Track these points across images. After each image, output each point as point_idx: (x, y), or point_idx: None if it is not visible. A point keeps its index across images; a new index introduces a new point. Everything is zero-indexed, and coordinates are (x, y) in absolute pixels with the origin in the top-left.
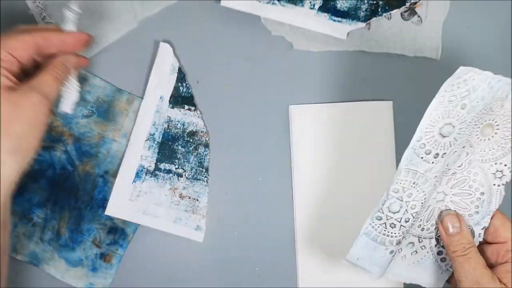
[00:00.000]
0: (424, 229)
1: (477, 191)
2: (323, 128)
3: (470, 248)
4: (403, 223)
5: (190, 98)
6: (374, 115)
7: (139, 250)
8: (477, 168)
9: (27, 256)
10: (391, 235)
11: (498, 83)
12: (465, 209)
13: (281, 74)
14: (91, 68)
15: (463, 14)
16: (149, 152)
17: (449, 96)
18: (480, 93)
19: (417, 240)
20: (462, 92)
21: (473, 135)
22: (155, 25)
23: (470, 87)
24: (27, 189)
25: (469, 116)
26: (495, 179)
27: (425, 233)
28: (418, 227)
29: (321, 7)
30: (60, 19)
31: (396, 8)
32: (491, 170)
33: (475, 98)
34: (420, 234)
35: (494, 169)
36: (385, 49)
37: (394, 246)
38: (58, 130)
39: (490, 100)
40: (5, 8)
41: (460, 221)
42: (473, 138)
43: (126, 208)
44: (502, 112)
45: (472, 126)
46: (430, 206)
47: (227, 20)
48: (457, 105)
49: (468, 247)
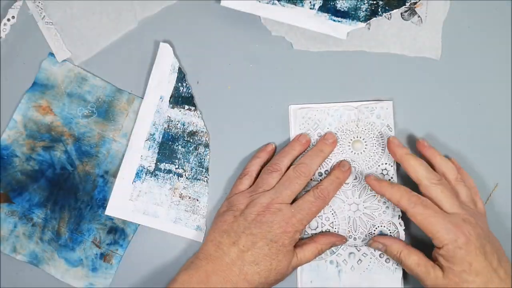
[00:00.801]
0: (356, 239)
1: None
2: (323, 128)
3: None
4: None
5: (190, 98)
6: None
7: (139, 250)
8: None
9: (27, 256)
10: None
11: (336, 111)
12: (377, 209)
13: (281, 74)
14: (91, 68)
15: (463, 14)
16: (149, 152)
17: (306, 130)
18: (326, 122)
19: (355, 250)
20: (312, 126)
21: (348, 152)
22: (155, 25)
23: (316, 120)
24: (27, 189)
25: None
26: (384, 176)
27: (359, 242)
28: (349, 237)
29: (321, 7)
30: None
31: (396, 8)
32: (378, 172)
33: (324, 126)
34: (355, 244)
35: (380, 170)
36: (385, 49)
37: (330, 256)
38: (58, 130)
39: (339, 124)
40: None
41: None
42: (349, 154)
43: (126, 208)
44: (360, 129)
45: (338, 146)
46: (350, 217)
47: (227, 20)
48: (314, 135)
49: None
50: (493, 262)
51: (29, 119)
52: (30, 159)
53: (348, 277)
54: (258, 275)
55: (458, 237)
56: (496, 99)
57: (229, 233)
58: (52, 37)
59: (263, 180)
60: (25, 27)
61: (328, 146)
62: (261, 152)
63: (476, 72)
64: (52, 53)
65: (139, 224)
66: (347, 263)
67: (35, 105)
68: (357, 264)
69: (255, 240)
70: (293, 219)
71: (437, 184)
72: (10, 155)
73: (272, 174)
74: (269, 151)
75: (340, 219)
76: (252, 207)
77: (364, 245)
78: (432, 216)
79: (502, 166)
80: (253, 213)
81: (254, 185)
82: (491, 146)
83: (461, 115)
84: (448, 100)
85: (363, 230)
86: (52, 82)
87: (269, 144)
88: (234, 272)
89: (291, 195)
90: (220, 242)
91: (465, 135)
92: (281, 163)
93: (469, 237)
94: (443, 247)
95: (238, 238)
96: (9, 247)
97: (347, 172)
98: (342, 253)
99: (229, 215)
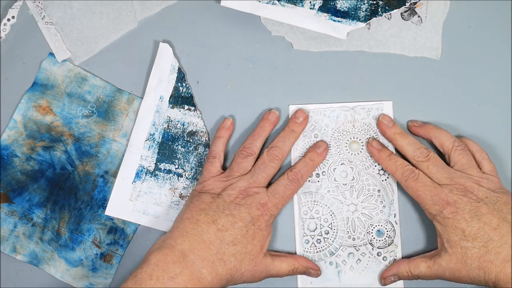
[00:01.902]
0: (355, 239)
1: (374, 190)
2: (323, 128)
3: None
4: (325, 235)
5: (190, 98)
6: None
7: (139, 250)
8: (365, 175)
9: (27, 256)
10: (321, 249)
11: (333, 112)
12: (375, 208)
13: (281, 74)
14: (91, 68)
15: (463, 14)
16: (149, 152)
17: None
18: (323, 123)
19: (354, 250)
20: (309, 127)
21: (345, 153)
22: (155, 25)
23: (313, 121)
24: (27, 189)
25: (326, 140)
26: (381, 176)
27: (358, 242)
28: (348, 238)
29: (321, 7)
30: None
31: (396, 8)
32: (375, 172)
33: (321, 127)
34: (354, 244)
35: (377, 170)
36: (385, 49)
37: (330, 257)
38: (58, 130)
39: (336, 124)
40: (5, 8)
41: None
42: (347, 155)
43: (126, 208)
44: (356, 130)
45: (335, 147)
46: (349, 218)
47: (227, 20)
48: (311, 137)
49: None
50: (493, 221)
51: (29, 119)
52: (30, 159)
53: (347, 277)
54: (234, 257)
55: (443, 207)
56: (496, 99)
57: (207, 211)
58: (52, 37)
59: (238, 164)
60: (25, 27)
61: (299, 126)
62: (222, 131)
63: (476, 72)
64: (52, 53)
65: (139, 224)
66: (346, 263)
67: (35, 105)
68: (356, 264)
69: (234, 220)
70: (269, 203)
71: (424, 161)
72: (10, 155)
73: (247, 159)
74: (229, 127)
75: (338, 220)
76: (230, 190)
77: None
78: (420, 190)
79: (502, 166)
80: (232, 195)
81: (229, 169)
82: (491, 146)
83: (461, 115)
84: (448, 100)
85: (361, 230)
86: (52, 82)
87: (226, 119)
88: (212, 251)
89: (267, 178)
90: (198, 219)
91: (465, 135)
92: (254, 146)
93: (455, 205)
94: (434, 219)
95: (218, 217)
96: (9, 247)
97: (322, 154)
98: (341, 254)
99: (207, 196)
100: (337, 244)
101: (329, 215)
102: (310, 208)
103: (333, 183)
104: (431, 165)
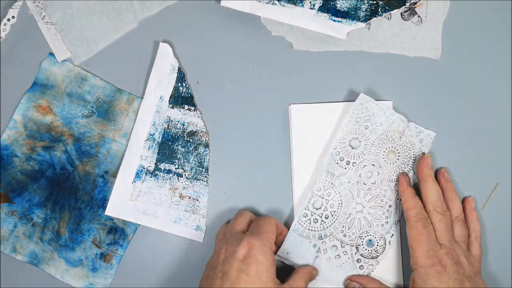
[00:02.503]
0: (346, 235)
1: (386, 204)
2: (323, 128)
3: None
4: (324, 219)
5: (190, 98)
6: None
7: (139, 250)
8: (386, 186)
9: (27, 256)
10: (314, 229)
11: (393, 116)
12: (378, 219)
13: (281, 74)
14: (91, 68)
15: (463, 14)
16: (149, 152)
17: (356, 117)
18: (378, 119)
19: (339, 244)
20: (365, 116)
21: (380, 157)
22: (155, 25)
23: (371, 113)
24: (27, 189)
25: (372, 136)
26: (398, 194)
27: (346, 240)
28: (340, 232)
29: (321, 7)
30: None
31: (396, 8)
32: (396, 188)
33: (375, 122)
34: (342, 240)
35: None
36: (385, 49)
37: (317, 240)
38: (58, 130)
39: (388, 128)
40: (5, 8)
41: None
42: (380, 160)
43: (126, 208)
44: (401, 142)
45: (376, 147)
46: (351, 214)
47: (227, 20)
48: (361, 125)
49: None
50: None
51: (29, 119)
52: (30, 159)
53: (321, 265)
54: None
55: (434, 265)
56: (496, 99)
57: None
58: (52, 37)
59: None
60: (25, 27)
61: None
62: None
63: (476, 72)
64: (52, 53)
65: (139, 224)
66: (326, 253)
67: (35, 105)
68: (334, 258)
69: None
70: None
71: (439, 213)
72: (10, 155)
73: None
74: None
75: (342, 212)
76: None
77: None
78: (423, 238)
79: (502, 166)
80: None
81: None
82: (491, 146)
83: (461, 115)
84: (448, 100)
85: (355, 231)
86: (52, 82)
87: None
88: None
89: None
90: None
91: (465, 135)
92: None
93: (445, 268)
94: (417, 270)
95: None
96: (9, 247)
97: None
98: (327, 242)
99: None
100: (328, 232)
101: (337, 203)
102: (325, 187)
103: (356, 177)
104: (443, 222)
